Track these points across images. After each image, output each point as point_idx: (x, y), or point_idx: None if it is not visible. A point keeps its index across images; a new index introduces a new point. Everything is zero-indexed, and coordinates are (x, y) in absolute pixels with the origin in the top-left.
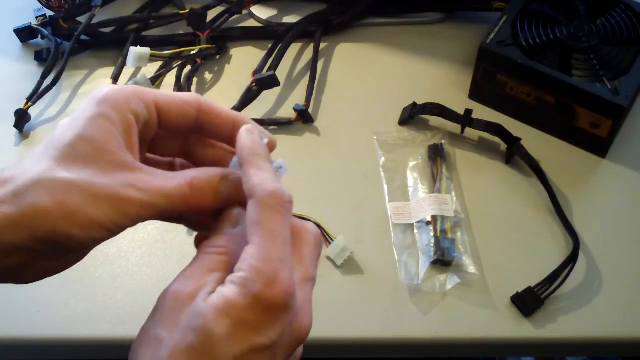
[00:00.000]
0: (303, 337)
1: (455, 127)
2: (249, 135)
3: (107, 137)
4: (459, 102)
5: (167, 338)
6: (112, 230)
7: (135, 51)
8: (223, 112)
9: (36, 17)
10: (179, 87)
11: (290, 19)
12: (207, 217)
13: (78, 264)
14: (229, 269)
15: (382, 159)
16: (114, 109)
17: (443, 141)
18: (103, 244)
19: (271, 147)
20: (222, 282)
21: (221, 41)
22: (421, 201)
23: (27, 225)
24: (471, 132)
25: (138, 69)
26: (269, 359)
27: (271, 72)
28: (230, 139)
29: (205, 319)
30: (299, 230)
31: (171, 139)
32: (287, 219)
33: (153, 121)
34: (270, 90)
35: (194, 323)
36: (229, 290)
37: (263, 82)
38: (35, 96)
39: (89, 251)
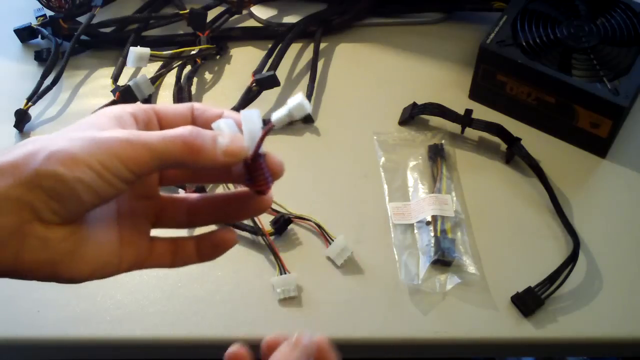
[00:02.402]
0: None
1: (455, 127)
2: None
3: (101, 121)
4: (459, 102)
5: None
6: (105, 176)
7: (135, 51)
8: (214, 108)
9: (36, 17)
10: (179, 87)
11: (290, 19)
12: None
13: None
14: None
15: (382, 159)
16: (112, 111)
17: (443, 141)
18: None
19: (278, 170)
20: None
21: (221, 41)
22: (421, 201)
23: (12, 171)
24: (471, 132)
25: (138, 69)
26: None
27: (271, 72)
28: None
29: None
30: None
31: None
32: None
33: (154, 124)
34: (270, 90)
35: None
36: None
37: (263, 82)
38: (35, 96)
39: (97, 242)
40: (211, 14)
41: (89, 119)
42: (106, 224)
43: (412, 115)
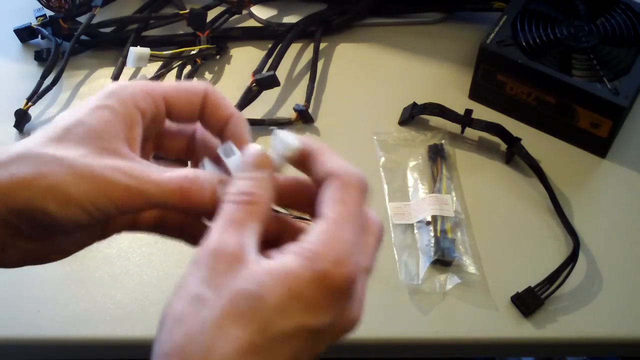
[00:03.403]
0: (350, 329)
1: (455, 127)
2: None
3: (105, 127)
4: (459, 102)
5: (212, 299)
6: (93, 214)
7: (135, 51)
8: (225, 106)
9: (36, 17)
10: None
11: (290, 19)
12: (198, 225)
13: (78, 264)
14: (263, 219)
15: (382, 159)
16: (119, 103)
17: (443, 141)
18: (103, 244)
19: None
20: (260, 235)
21: (221, 41)
22: (421, 201)
23: (3, 194)
24: (471, 132)
25: (138, 69)
26: (312, 344)
27: (271, 72)
28: (223, 131)
29: (261, 287)
30: (366, 218)
31: (176, 138)
32: (364, 204)
33: (161, 115)
34: (270, 90)
35: (247, 288)
36: (290, 261)
37: (263, 82)
38: (35, 96)
39: (75, 240)
40: (211, 14)
41: (95, 120)
42: None
43: (412, 115)
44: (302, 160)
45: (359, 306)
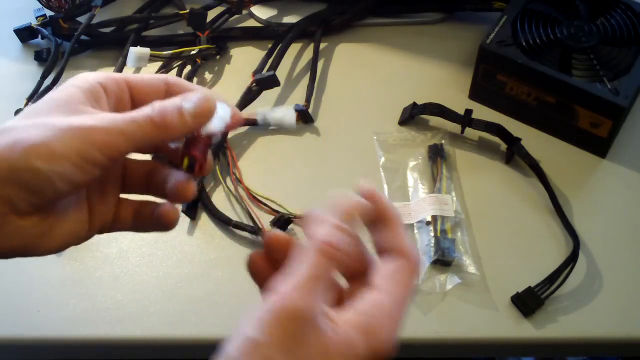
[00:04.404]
0: None
1: (455, 127)
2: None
3: (73, 97)
4: (459, 102)
5: None
6: (81, 165)
7: (135, 51)
8: (191, 85)
9: (36, 17)
10: None
11: (290, 19)
12: None
13: (78, 264)
14: (333, 285)
15: (382, 159)
16: (81, 81)
17: (443, 141)
18: (103, 244)
19: (236, 119)
20: (326, 299)
21: (221, 41)
22: (421, 201)
23: None
24: (471, 132)
25: (138, 69)
26: None
27: (271, 72)
28: None
29: None
30: None
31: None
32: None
33: (125, 97)
34: (270, 90)
35: None
36: (355, 335)
37: (263, 82)
38: (35, 96)
39: (68, 226)
40: (211, 14)
41: (61, 94)
42: (77, 199)
43: (412, 115)
44: (373, 221)
45: None
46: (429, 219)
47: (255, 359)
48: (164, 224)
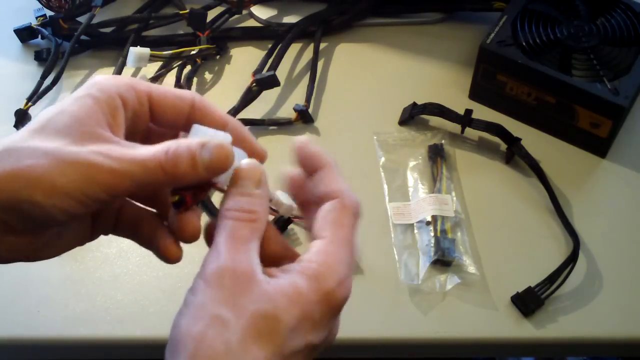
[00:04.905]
0: (332, 342)
1: (455, 127)
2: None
3: (86, 113)
4: (459, 102)
5: (232, 320)
6: (83, 201)
7: (135, 51)
8: (216, 113)
9: (36, 17)
10: (179, 87)
11: (290, 19)
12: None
13: (78, 264)
14: (261, 236)
15: (382, 159)
16: (100, 91)
17: (443, 141)
18: (103, 244)
19: (262, 157)
20: (259, 251)
21: (221, 41)
22: (421, 201)
23: None
24: (471, 132)
25: (138, 69)
26: (309, 358)
27: (271, 72)
28: None
29: (277, 307)
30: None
31: (165, 136)
32: (356, 231)
33: (144, 112)
34: (270, 90)
35: (265, 309)
36: (300, 281)
37: (263, 82)
38: (35, 96)
39: (66, 238)
40: (211, 14)
41: (76, 107)
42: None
43: (412, 115)
44: (310, 169)
45: (339, 321)
46: (429, 219)
47: (204, 319)
48: (165, 259)
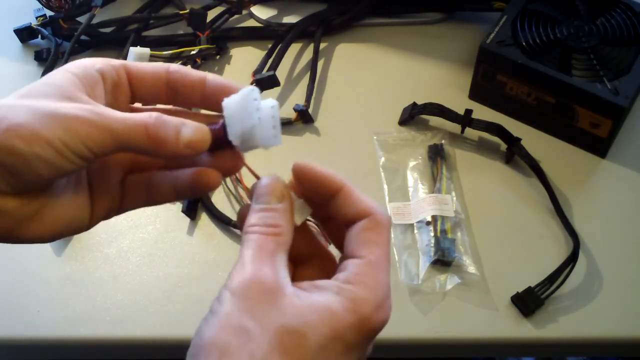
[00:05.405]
0: None
1: (455, 127)
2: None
3: (67, 83)
4: (459, 102)
5: (257, 332)
6: (64, 153)
7: (135, 51)
8: (193, 74)
9: (36, 17)
10: None
11: (290, 19)
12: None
13: (78, 264)
14: (287, 250)
15: (382, 159)
16: (77, 67)
17: (443, 141)
18: (103, 244)
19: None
20: (286, 265)
21: (221, 41)
22: (421, 201)
23: None
24: (471, 132)
25: None
26: None
27: (271, 72)
28: (203, 99)
29: (306, 324)
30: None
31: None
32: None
33: (123, 84)
34: (270, 90)
35: (292, 324)
36: (334, 301)
37: (263, 82)
38: None
39: (58, 211)
40: (211, 14)
41: (55, 78)
42: (74, 182)
43: (412, 115)
44: (330, 196)
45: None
46: (429, 219)
47: (229, 329)
48: (205, 189)
